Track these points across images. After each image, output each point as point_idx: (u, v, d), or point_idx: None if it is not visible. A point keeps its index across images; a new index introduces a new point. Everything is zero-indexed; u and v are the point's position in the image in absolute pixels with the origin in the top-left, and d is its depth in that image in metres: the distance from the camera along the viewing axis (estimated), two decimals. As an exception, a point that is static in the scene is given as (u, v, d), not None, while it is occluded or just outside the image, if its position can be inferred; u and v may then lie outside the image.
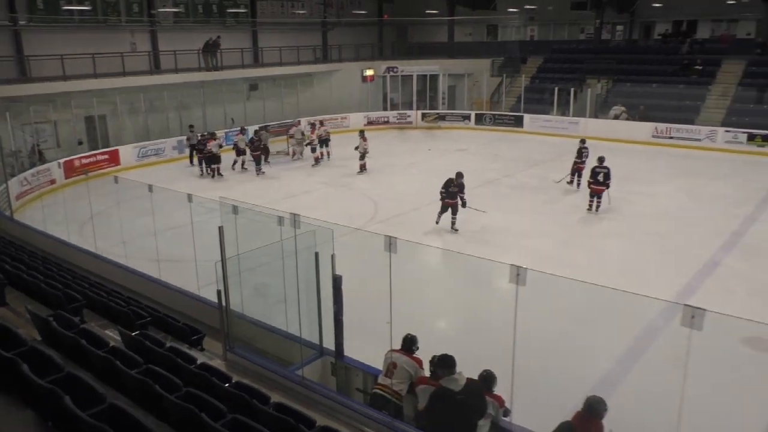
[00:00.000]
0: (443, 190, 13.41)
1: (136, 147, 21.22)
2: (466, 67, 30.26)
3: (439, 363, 5.18)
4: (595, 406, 4.68)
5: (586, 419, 4.66)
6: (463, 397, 4.92)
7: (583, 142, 17.05)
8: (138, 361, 4.65)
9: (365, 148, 19.28)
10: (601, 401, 4.72)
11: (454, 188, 13.30)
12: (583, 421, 4.66)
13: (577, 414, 4.72)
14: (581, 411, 4.71)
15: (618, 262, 11.64)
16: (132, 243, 11.08)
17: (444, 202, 13.47)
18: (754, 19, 28.03)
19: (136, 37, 24.37)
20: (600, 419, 4.66)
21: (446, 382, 5.02)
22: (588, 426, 4.63)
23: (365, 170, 19.40)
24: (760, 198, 15.71)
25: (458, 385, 4.97)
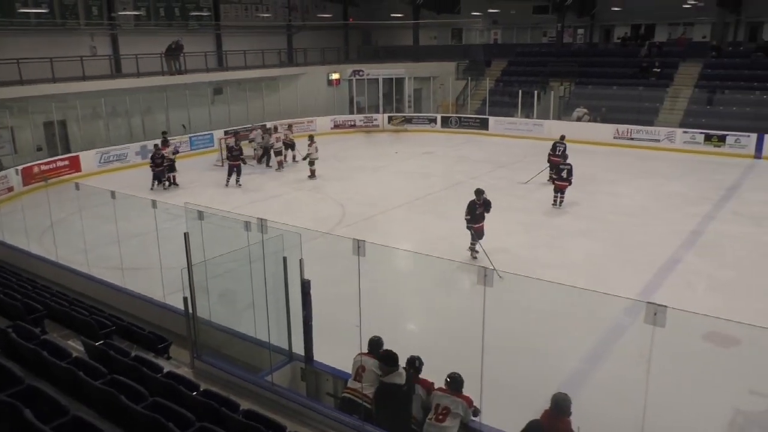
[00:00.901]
0: (468, 215, 11.75)
1: (97, 153, 20.77)
2: (431, 71, 30.48)
3: (385, 359, 5.48)
4: (562, 404, 4.75)
5: (553, 417, 4.73)
6: (407, 389, 5.37)
7: (561, 138, 17.70)
8: (102, 372, 4.55)
9: (310, 153, 19.28)
10: (567, 398, 4.79)
11: (480, 208, 11.68)
12: (551, 419, 4.72)
13: (544, 412, 4.79)
14: (548, 409, 4.78)
15: (583, 262, 11.84)
16: (95, 251, 10.85)
17: (474, 228, 11.76)
18: (708, 22, 28.90)
19: (96, 40, 23.86)
20: (567, 416, 4.73)
21: (392, 377, 5.43)
22: (556, 423, 4.70)
23: (315, 177, 19.12)
24: (717, 197, 16.18)
25: (402, 379, 5.41)
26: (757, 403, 7.15)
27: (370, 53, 34.98)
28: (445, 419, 5.08)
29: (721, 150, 21.74)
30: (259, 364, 6.45)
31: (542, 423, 4.75)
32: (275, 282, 6.11)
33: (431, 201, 16.36)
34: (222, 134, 23.46)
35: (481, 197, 11.63)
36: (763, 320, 6.52)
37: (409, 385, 5.42)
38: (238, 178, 18.38)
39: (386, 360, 5.48)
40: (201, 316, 6.51)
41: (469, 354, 5.06)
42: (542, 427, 4.73)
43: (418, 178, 18.94)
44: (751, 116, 22.30)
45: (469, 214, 11.71)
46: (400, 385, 5.40)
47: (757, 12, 28.21)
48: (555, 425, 4.69)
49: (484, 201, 11.65)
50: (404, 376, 5.43)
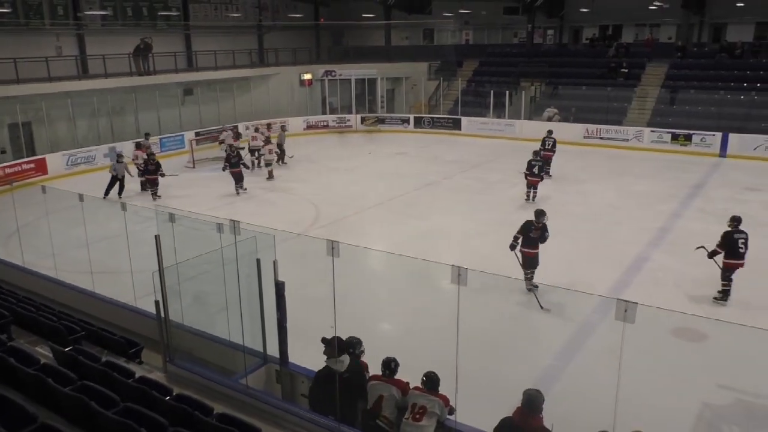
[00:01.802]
0: (519, 235, 10.04)
1: (64, 155, 20.36)
2: (403, 71, 30.57)
3: (327, 343, 5.59)
4: (533, 399, 4.80)
5: (525, 413, 4.77)
6: (348, 376, 5.45)
7: (549, 133, 18.62)
8: (72, 378, 4.47)
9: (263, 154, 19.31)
10: (539, 394, 4.84)
11: (536, 232, 10.01)
12: (523, 416, 4.77)
13: (517, 409, 4.83)
14: (520, 406, 4.83)
15: (554, 260, 11.96)
16: (63, 255, 10.62)
17: (525, 254, 10.05)
18: (674, 24, 29.54)
19: (61, 40, 23.39)
20: (539, 412, 4.78)
21: (332, 363, 5.52)
22: (528, 420, 4.74)
23: (273, 177, 19.18)
24: (684, 195, 16.54)
25: (343, 366, 5.52)
26: (724, 396, 7.32)
27: (342, 53, 34.93)
28: (422, 418, 5.10)
29: (687, 149, 22.22)
30: (233, 367, 6.39)
31: (514, 420, 4.79)
32: (249, 284, 6.07)
33: (405, 201, 16.41)
34: (193, 135, 23.20)
35: (541, 220, 9.95)
36: (728, 315, 6.70)
37: (351, 374, 5.43)
38: (241, 184, 17.36)
39: (328, 344, 5.57)
40: (173, 320, 6.42)
41: (443, 353, 5.08)
42: (514, 424, 4.77)
43: (391, 179, 18.97)
44: (715, 116, 22.83)
45: (521, 234, 10.01)
46: (337, 372, 5.42)
47: (720, 13, 28.92)
48: (527, 421, 4.74)
49: (543, 226, 9.98)
50: (346, 365, 5.50)
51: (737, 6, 28.15)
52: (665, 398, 7.16)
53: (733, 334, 7.65)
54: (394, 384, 5.41)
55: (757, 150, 20.95)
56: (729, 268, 9.72)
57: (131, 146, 22.01)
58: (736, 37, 28.00)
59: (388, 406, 5.33)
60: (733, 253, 9.61)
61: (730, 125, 21.97)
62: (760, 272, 11.21)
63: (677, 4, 27.33)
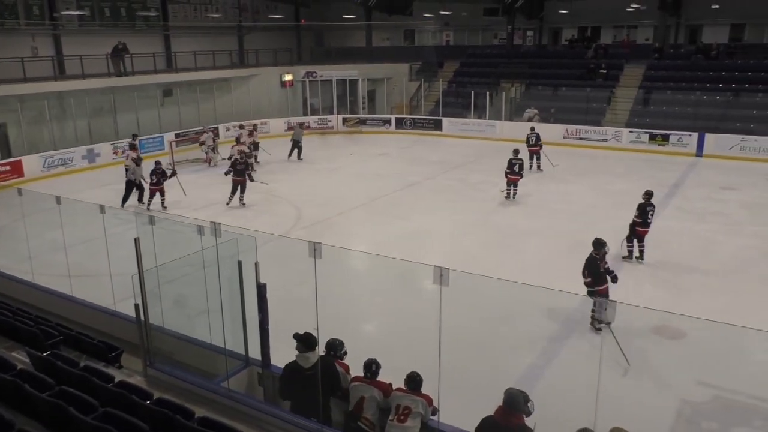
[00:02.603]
0: (588, 277, 9.00)
1: (41, 157, 20.05)
2: (384, 72, 30.58)
3: (299, 339, 5.58)
4: (514, 398, 4.82)
5: (507, 412, 4.79)
6: (312, 374, 5.42)
7: (532, 129, 19.76)
8: (49, 383, 4.40)
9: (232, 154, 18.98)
10: (519, 393, 4.86)
11: (604, 264, 9.08)
12: (504, 414, 4.79)
13: (498, 408, 4.85)
14: (502, 405, 4.85)
15: (536, 259, 12.08)
16: (40, 258, 10.45)
17: (599, 292, 8.92)
18: (650, 25, 29.94)
19: (37, 41, 23.04)
20: (520, 410, 4.80)
21: (299, 359, 5.53)
22: (510, 419, 4.76)
23: None
24: (662, 194, 16.73)
25: (308, 363, 5.48)
26: (703, 393, 7.42)
27: (323, 54, 34.87)
28: (407, 419, 5.10)
29: (664, 149, 22.52)
30: (214, 371, 6.34)
31: (495, 418, 4.81)
32: (230, 286, 6.02)
33: (387, 202, 16.42)
34: (173, 137, 22.98)
35: (602, 250, 9.06)
36: (707, 313, 6.79)
37: (316, 372, 5.40)
38: (242, 195, 16.01)
39: (300, 340, 5.58)
40: (153, 323, 6.35)
41: (426, 353, 5.09)
42: (496, 423, 4.79)
43: (373, 180, 18.97)
44: (692, 116, 23.16)
45: (589, 275, 9.00)
46: (302, 368, 5.47)
47: (695, 15, 29.39)
48: (509, 420, 4.76)
49: (602, 255, 9.10)
50: (311, 361, 5.47)
51: (712, 8, 28.64)
52: (645, 395, 7.24)
53: (711, 331, 7.77)
54: (375, 385, 5.41)
55: (732, 150, 21.30)
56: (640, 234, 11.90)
57: (109, 148, 21.88)
58: (711, 39, 28.47)
59: (369, 408, 5.32)
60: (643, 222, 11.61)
61: (706, 125, 22.31)
62: (736, 272, 11.42)
63: (654, 6, 27.70)
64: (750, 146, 21.11)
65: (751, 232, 13.38)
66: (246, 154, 18.01)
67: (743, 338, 7.92)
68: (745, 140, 21.24)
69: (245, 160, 16.49)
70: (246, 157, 17.13)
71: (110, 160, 21.80)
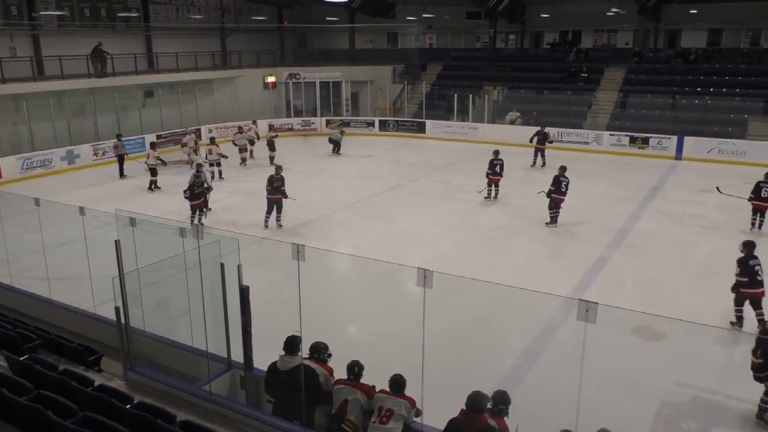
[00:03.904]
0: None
1: (19, 158, 19.76)
2: (368, 74, 30.60)
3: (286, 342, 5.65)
4: (475, 400, 4.88)
5: (468, 414, 4.86)
6: (288, 377, 5.48)
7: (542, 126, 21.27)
8: (27, 387, 4.34)
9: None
10: (481, 395, 4.93)
11: None
12: (467, 416, 4.85)
13: (461, 410, 4.91)
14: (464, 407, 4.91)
15: (519, 261, 12.16)
16: (18, 261, 10.30)
17: None
18: (630, 29, 30.34)
19: (15, 41, 22.73)
20: (481, 411, 4.86)
21: (279, 361, 5.61)
22: (471, 421, 4.82)
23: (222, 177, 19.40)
24: (642, 196, 16.96)
25: (285, 366, 5.54)
26: (682, 394, 7.52)
27: (306, 56, 34.80)
28: (389, 421, 5.11)
29: (644, 152, 22.79)
30: (196, 374, 6.29)
31: (459, 420, 4.86)
32: (213, 289, 5.98)
33: (371, 204, 16.42)
34: (154, 138, 22.75)
35: None
36: (685, 314, 6.89)
37: (294, 375, 5.44)
38: (279, 216, 14.44)
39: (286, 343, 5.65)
40: (134, 326, 6.29)
41: (410, 355, 5.10)
42: (459, 424, 4.84)
43: (357, 182, 18.97)
44: (671, 119, 23.48)
45: None
46: (279, 370, 5.56)
47: (674, 20, 29.82)
48: (471, 422, 4.81)
49: None
50: (289, 364, 5.52)
51: (691, 13, 29.11)
52: (626, 396, 7.31)
53: (690, 333, 7.86)
54: (358, 388, 5.41)
55: (710, 153, 21.62)
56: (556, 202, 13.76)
57: (89, 149, 21.62)
58: (690, 43, 28.94)
59: (353, 410, 5.32)
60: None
61: (685, 129, 22.62)
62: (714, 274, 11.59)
63: (634, 11, 28.06)
64: (728, 149, 21.44)
65: (728, 234, 13.57)
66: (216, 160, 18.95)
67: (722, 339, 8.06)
68: (723, 143, 21.58)
69: (281, 176, 14.43)
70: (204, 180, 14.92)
71: (90, 161, 21.58)
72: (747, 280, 8.79)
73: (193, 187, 14.39)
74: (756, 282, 8.75)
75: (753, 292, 8.80)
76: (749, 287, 8.80)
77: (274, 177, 14.31)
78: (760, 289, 8.76)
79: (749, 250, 8.91)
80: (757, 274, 8.76)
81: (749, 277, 8.78)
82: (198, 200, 14.47)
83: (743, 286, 8.84)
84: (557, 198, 14.13)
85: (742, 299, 8.96)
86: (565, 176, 14.36)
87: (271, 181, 14.24)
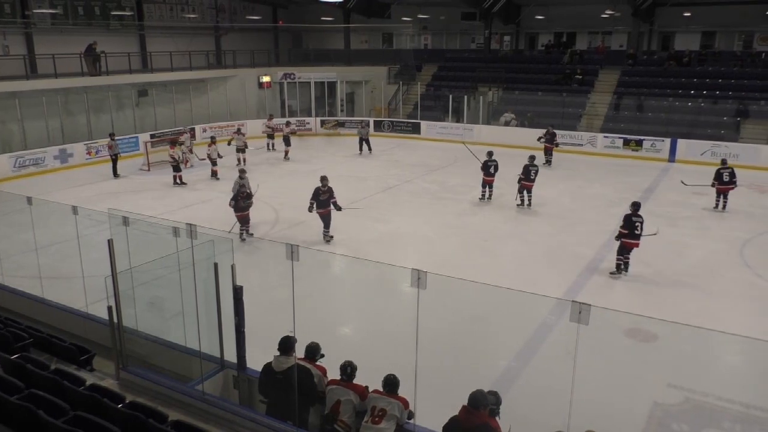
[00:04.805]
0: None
1: (11, 157, 19.66)
2: (363, 75, 30.58)
3: (280, 342, 5.67)
4: (476, 397, 4.89)
5: (469, 411, 4.87)
6: (282, 377, 5.49)
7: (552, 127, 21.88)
8: (19, 387, 4.32)
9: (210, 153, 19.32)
10: (482, 393, 4.94)
11: None
12: (467, 414, 4.86)
13: (462, 408, 4.92)
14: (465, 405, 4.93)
15: (512, 263, 12.18)
16: (10, 260, 10.26)
17: None
18: (625, 32, 30.44)
19: (8, 39, 22.63)
20: (481, 409, 4.87)
21: (273, 361, 5.61)
22: (471, 418, 4.83)
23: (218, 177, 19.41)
24: (635, 198, 16.95)
25: (279, 367, 5.55)
26: (674, 395, 7.55)
27: (301, 56, 34.76)
28: (381, 421, 5.11)
29: (638, 154, 22.88)
30: (189, 374, 6.27)
31: (459, 418, 4.88)
32: (206, 289, 5.96)
33: (366, 204, 16.41)
34: (148, 137, 22.69)
35: None
36: (678, 316, 6.92)
37: (288, 375, 5.45)
38: (327, 230, 13.13)
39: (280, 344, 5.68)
40: (127, 326, 6.27)
41: (403, 356, 5.10)
42: (459, 421, 4.85)
43: (352, 182, 18.95)
44: (664, 122, 23.58)
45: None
46: (274, 371, 5.57)
47: (668, 22, 29.94)
48: (470, 420, 4.83)
49: None
50: (284, 365, 5.53)
51: (684, 16, 29.25)
52: (618, 397, 7.34)
53: (682, 335, 7.90)
54: (351, 388, 5.41)
55: (704, 155, 21.71)
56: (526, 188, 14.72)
57: (82, 148, 21.52)
58: (683, 46, 29.07)
59: (345, 411, 5.32)
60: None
61: (679, 131, 22.73)
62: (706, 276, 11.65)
63: (628, 13, 28.17)
64: (721, 152, 21.53)
65: (720, 236, 13.66)
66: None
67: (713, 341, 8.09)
68: (716, 146, 21.68)
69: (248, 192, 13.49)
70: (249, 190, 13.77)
71: (84, 160, 21.49)
72: (627, 232, 11.14)
73: (237, 197, 13.03)
74: (634, 235, 11.14)
75: (630, 242, 11.20)
76: (628, 238, 11.16)
77: (320, 189, 12.82)
78: (636, 240, 11.17)
79: (634, 209, 11.33)
80: (636, 228, 11.12)
81: (629, 230, 11.14)
82: (243, 212, 13.02)
83: (624, 237, 11.18)
84: (526, 184, 15.70)
85: (622, 249, 11.25)
86: (534, 165, 15.75)
87: (317, 194, 12.82)
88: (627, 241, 11.21)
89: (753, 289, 10.85)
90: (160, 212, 14.76)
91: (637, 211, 11.33)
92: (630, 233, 11.16)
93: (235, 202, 12.86)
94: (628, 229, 11.19)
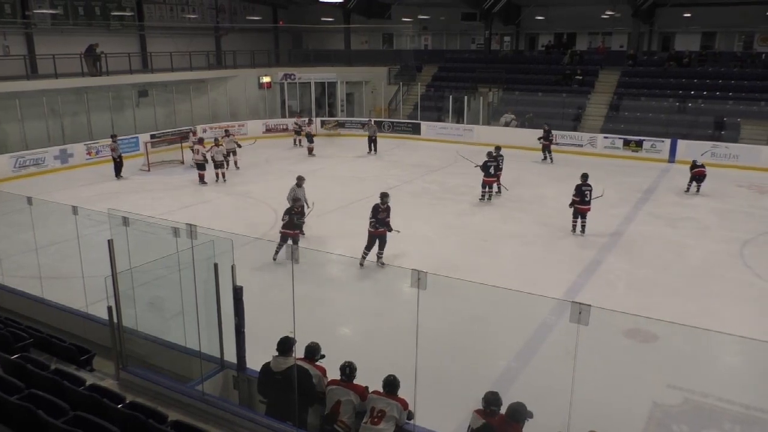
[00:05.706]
0: None
1: (12, 157, 19.67)
2: (363, 75, 30.59)
3: (279, 343, 5.68)
4: (518, 411, 4.85)
5: (507, 423, 4.82)
6: (281, 378, 5.50)
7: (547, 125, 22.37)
8: (19, 387, 4.32)
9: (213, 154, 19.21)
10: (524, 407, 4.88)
11: None
12: (504, 423, 4.81)
13: (499, 416, 4.87)
14: (504, 415, 4.86)
15: (512, 263, 12.18)
16: (10, 260, 10.27)
17: None
18: (625, 32, 30.43)
19: (8, 39, 22.64)
20: (521, 423, 4.84)
21: (272, 362, 5.63)
22: (508, 429, 4.79)
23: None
24: (636, 199, 17.02)
25: (278, 367, 5.57)
26: (673, 396, 7.55)
27: (302, 57, 34.77)
28: (380, 422, 5.11)
29: (638, 155, 22.87)
30: (189, 374, 6.27)
31: (494, 424, 4.83)
32: (206, 289, 5.97)
33: (365, 205, 16.34)
34: (148, 138, 22.69)
35: None
36: (678, 316, 6.92)
37: (288, 376, 5.46)
38: (381, 252, 11.77)
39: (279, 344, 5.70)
40: (127, 326, 6.27)
41: (403, 356, 5.10)
42: (494, 428, 4.81)
43: (352, 183, 18.95)
44: (664, 122, 23.57)
45: None
46: (273, 371, 5.59)
47: (668, 23, 29.96)
48: (507, 430, 4.79)
49: None
50: (282, 366, 5.54)
51: (684, 16, 29.26)
52: (618, 398, 7.34)
53: (682, 335, 7.90)
54: (351, 389, 5.41)
55: (703, 156, 21.66)
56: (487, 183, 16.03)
57: (83, 148, 21.52)
58: (683, 46, 29.09)
59: (345, 411, 5.32)
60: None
61: (678, 132, 22.72)
62: (706, 277, 11.65)
63: (628, 14, 28.17)
64: (720, 153, 21.55)
65: (720, 237, 13.66)
66: None
67: (713, 342, 8.09)
68: (716, 146, 21.68)
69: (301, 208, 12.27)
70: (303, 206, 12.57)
71: (84, 160, 21.49)
72: (579, 199, 13.52)
73: (291, 210, 11.79)
74: (584, 201, 13.54)
75: (582, 208, 13.60)
76: (580, 204, 13.55)
77: (380, 207, 11.73)
78: (587, 206, 13.57)
79: (583, 180, 13.71)
80: (585, 195, 13.51)
81: (580, 197, 13.53)
82: (294, 230, 11.69)
83: (577, 204, 13.58)
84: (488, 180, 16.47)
85: (576, 213, 13.69)
86: (494, 158, 16.53)
87: (376, 212, 11.67)
88: (579, 207, 13.61)
89: (753, 290, 10.86)
90: (160, 212, 14.75)
91: (586, 181, 13.67)
92: (581, 200, 13.56)
93: (288, 216, 11.67)
94: (579, 196, 13.57)
